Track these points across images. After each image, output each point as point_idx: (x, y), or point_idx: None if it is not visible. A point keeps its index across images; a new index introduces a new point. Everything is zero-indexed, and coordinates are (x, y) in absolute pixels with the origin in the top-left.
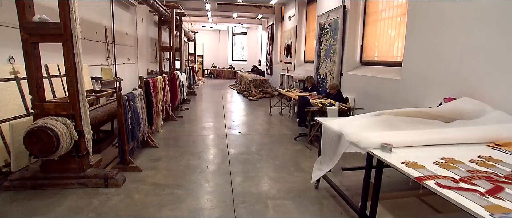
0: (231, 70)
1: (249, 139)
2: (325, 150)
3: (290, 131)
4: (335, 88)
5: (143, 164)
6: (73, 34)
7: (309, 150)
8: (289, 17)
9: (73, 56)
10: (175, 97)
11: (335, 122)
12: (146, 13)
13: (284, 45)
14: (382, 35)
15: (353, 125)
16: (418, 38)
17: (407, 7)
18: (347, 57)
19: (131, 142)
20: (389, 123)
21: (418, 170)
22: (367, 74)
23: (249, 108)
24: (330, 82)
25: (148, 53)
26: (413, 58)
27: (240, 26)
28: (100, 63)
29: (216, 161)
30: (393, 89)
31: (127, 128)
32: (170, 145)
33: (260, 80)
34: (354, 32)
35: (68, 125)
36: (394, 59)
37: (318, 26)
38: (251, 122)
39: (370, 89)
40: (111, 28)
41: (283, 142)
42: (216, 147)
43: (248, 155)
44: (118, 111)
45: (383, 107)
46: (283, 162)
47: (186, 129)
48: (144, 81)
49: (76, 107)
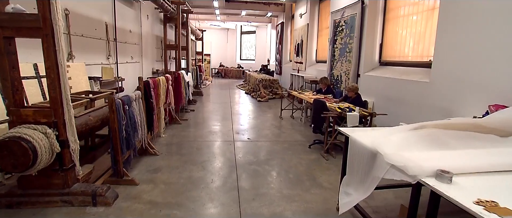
0: (239, 70)
1: (259, 146)
2: (353, 170)
3: (303, 137)
4: (354, 91)
5: (140, 176)
6: (54, 28)
7: (326, 161)
8: (300, 15)
9: (54, 54)
10: (180, 99)
11: (366, 135)
12: (152, 10)
13: (295, 44)
14: (405, 32)
15: (390, 141)
16: (453, 34)
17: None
18: (365, 57)
19: (125, 152)
20: (435, 138)
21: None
22: (387, 75)
23: (258, 110)
24: (345, 83)
25: (154, 52)
26: (446, 58)
27: (248, 24)
28: (100, 62)
29: (222, 173)
30: (420, 92)
31: (121, 137)
32: (172, 153)
33: (269, 80)
34: (373, 29)
35: (48, 134)
36: (420, 59)
37: (332, 23)
38: (260, 126)
39: (391, 92)
40: (112, 24)
41: (296, 150)
42: (223, 156)
43: (258, 166)
44: (110, 117)
45: (408, 113)
46: (298, 175)
47: (191, 134)
48: (143, 82)
49: (59, 113)
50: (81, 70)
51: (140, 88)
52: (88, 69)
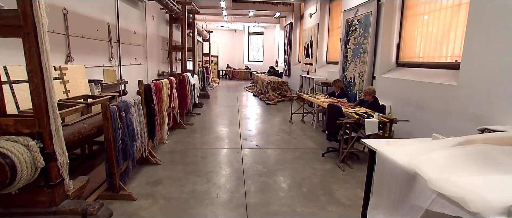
0: (247, 71)
1: (268, 154)
2: (382, 191)
3: (315, 144)
4: (372, 94)
5: (139, 190)
6: (37, 25)
7: (342, 171)
8: (310, 15)
9: (38, 56)
10: (185, 102)
11: (398, 150)
12: (157, 10)
13: (304, 44)
14: (425, 31)
15: (432, 161)
16: (486, 32)
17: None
18: (381, 58)
19: (122, 163)
20: (489, 157)
21: None
22: (406, 77)
23: (267, 113)
24: (359, 85)
25: (159, 53)
26: (477, 59)
27: (256, 25)
28: (102, 64)
29: (228, 187)
30: (446, 96)
31: (116, 147)
32: (175, 162)
33: (278, 82)
34: (390, 28)
35: (31, 147)
36: (443, 60)
37: (345, 22)
38: (270, 131)
39: (411, 95)
40: (115, 25)
41: (308, 158)
42: (229, 166)
43: (268, 178)
44: (104, 126)
45: (432, 119)
46: (312, 189)
47: (196, 140)
48: (144, 85)
49: (44, 123)
50: (80, 73)
51: (140, 92)
52: (89, 71)
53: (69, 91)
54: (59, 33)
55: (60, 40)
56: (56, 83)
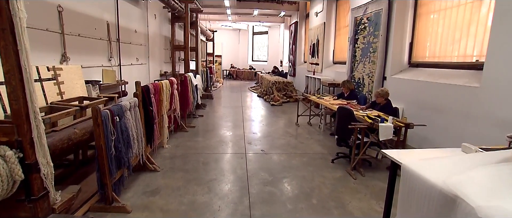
0: (251, 71)
1: (274, 160)
2: (409, 211)
3: (323, 149)
4: (384, 96)
5: (134, 201)
6: (14, 20)
7: (354, 180)
8: (316, 13)
9: (16, 55)
10: (186, 104)
11: (428, 165)
12: (160, 9)
13: (310, 44)
14: (441, 29)
15: (476, 181)
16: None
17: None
18: (392, 58)
19: (116, 172)
20: None
21: None
22: (421, 78)
23: (272, 115)
24: (369, 86)
25: (162, 53)
26: (504, 59)
27: (260, 24)
28: (100, 64)
29: (231, 197)
30: (467, 99)
31: (109, 155)
32: (174, 169)
33: (283, 83)
34: (402, 26)
35: (8, 158)
36: (462, 59)
37: (353, 21)
38: (275, 134)
39: (425, 97)
40: (115, 24)
41: (317, 165)
42: (232, 173)
43: (274, 187)
44: (95, 132)
45: (451, 123)
46: (322, 200)
47: (197, 144)
48: (141, 87)
49: (24, 130)
50: (77, 73)
51: (137, 94)
52: (87, 72)
53: (64, 93)
54: (53, 32)
55: (54, 39)
56: (50, 84)
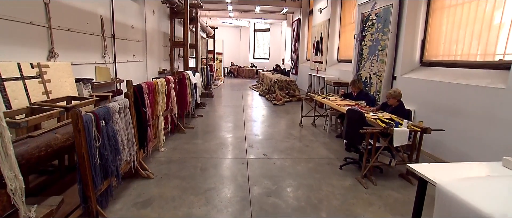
0: (253, 69)
1: (278, 166)
2: None
3: (330, 152)
4: (397, 98)
5: (123, 213)
6: None
7: (366, 189)
8: (320, 10)
9: None
10: (184, 104)
11: (471, 186)
12: (158, 4)
13: (313, 41)
14: (457, 25)
15: None
16: None
17: None
18: (403, 56)
19: (101, 183)
20: None
21: None
22: (435, 78)
23: (274, 115)
24: (376, 86)
25: (161, 50)
26: None
27: (262, 21)
28: (93, 61)
29: (231, 211)
30: (490, 101)
31: (92, 164)
32: (170, 175)
33: (286, 81)
34: (414, 23)
35: None
36: (481, 58)
37: (360, 17)
38: (278, 137)
39: (441, 99)
40: (110, 18)
41: (324, 171)
42: (233, 181)
43: (278, 199)
44: (75, 139)
45: (470, 127)
46: (332, 214)
47: (196, 147)
48: (133, 86)
49: None
50: (66, 71)
51: (128, 94)
52: (78, 69)
53: (50, 92)
54: (38, 25)
55: (40, 33)
56: (34, 82)
